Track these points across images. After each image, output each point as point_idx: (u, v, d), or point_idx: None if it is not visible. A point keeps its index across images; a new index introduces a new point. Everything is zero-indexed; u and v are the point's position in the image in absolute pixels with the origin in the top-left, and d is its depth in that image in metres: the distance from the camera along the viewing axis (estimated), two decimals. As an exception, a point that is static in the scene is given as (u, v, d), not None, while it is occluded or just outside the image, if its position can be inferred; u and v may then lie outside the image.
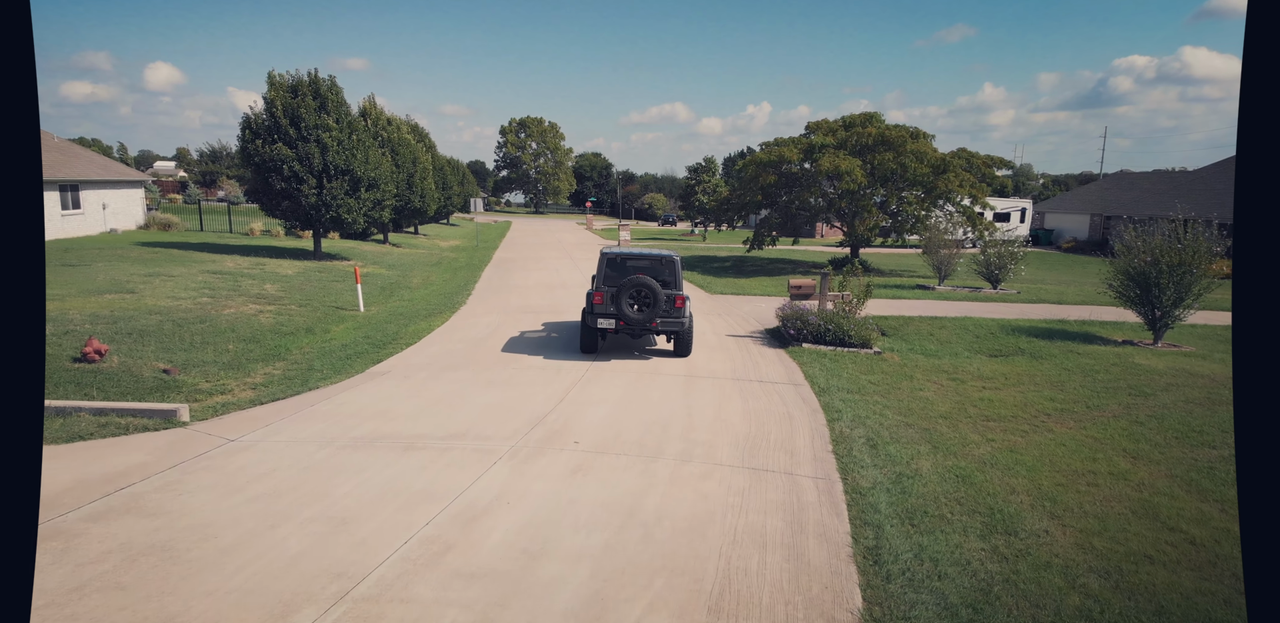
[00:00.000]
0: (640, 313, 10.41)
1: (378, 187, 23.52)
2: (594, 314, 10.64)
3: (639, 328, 10.57)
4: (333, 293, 17.26)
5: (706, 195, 47.82)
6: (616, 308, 10.38)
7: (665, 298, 10.45)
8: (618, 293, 10.40)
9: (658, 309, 10.37)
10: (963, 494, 6.08)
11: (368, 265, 23.80)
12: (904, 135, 22.24)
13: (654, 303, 10.36)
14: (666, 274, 11.11)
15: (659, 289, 10.38)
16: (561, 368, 10.07)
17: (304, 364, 10.60)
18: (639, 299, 10.44)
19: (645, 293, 10.38)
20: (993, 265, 18.91)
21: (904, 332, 13.50)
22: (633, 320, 10.38)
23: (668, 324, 10.61)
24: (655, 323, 10.52)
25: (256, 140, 21.49)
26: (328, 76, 22.87)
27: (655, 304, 10.36)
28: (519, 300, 16.92)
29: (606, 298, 10.54)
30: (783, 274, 24.49)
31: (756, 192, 23.70)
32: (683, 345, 11.00)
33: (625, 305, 10.37)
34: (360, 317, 14.92)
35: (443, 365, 10.20)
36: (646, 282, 10.38)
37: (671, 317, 10.58)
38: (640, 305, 10.45)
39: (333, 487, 5.71)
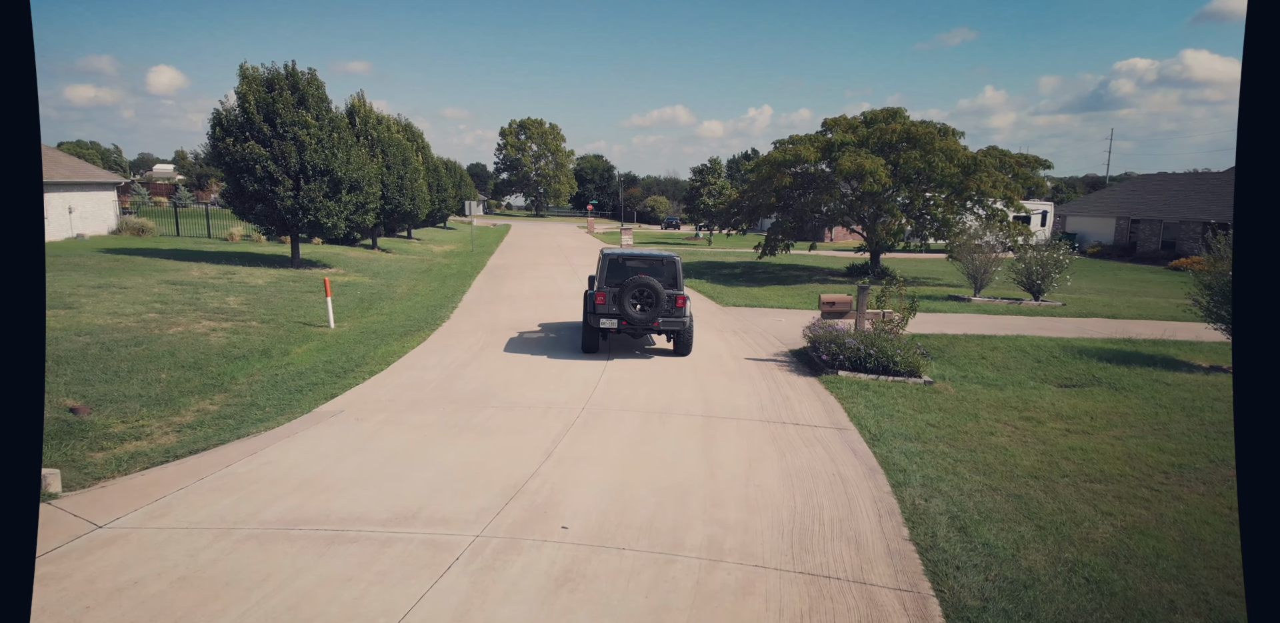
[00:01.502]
0: (643, 313, 10.46)
1: (361, 189, 21.78)
2: (596, 314, 10.66)
3: (641, 327, 10.62)
4: (304, 306, 15.51)
5: (712, 198, 46.04)
6: (619, 308, 10.43)
7: (667, 298, 10.48)
8: (620, 293, 10.45)
9: (660, 309, 10.44)
10: (1110, 615, 4.29)
11: (350, 273, 22.07)
12: (931, 132, 20.41)
13: (656, 303, 10.44)
14: (666, 274, 11.08)
15: (661, 289, 10.43)
16: (552, 406, 8.30)
17: (246, 399, 8.84)
18: (641, 299, 10.47)
19: (648, 293, 10.43)
20: (1034, 274, 17.06)
21: (951, 354, 11.69)
22: (635, 320, 10.42)
23: (669, 323, 10.66)
24: (657, 322, 10.56)
25: (227, 138, 19.77)
26: (307, 69, 21.20)
27: (657, 304, 10.43)
28: (509, 314, 15.15)
29: (609, 298, 10.57)
30: (798, 282, 22.69)
31: (770, 194, 21.87)
32: (683, 345, 11.08)
33: (628, 305, 10.41)
34: (328, 335, 13.17)
35: (407, 403, 8.43)
36: (649, 282, 10.41)
37: (673, 316, 10.62)
38: (643, 305, 10.49)
39: (208, 615, 3.93)
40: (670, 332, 10.88)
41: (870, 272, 23.44)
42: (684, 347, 11.06)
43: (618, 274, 10.97)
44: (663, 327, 10.64)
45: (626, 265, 11.15)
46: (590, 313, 10.79)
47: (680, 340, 11.02)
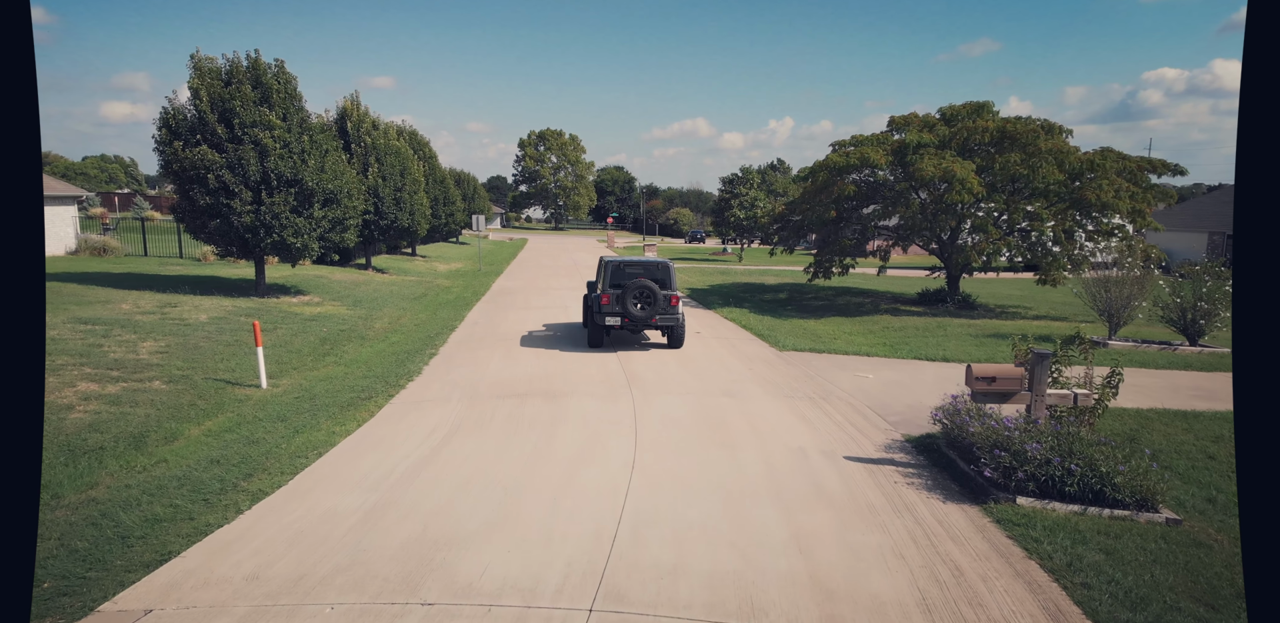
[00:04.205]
0: (642, 311, 11.96)
1: (338, 201, 18.28)
2: (602, 313, 12.13)
3: (641, 324, 12.17)
4: (241, 353, 11.94)
5: (743, 210, 42.23)
6: (621, 307, 11.91)
7: (663, 298, 12.04)
8: (622, 294, 11.89)
9: (657, 307, 12.00)
10: None
11: (325, 302, 18.54)
12: (1033, 130, 16.38)
13: (653, 302, 11.96)
14: (661, 277, 12.57)
15: (658, 290, 11.97)
16: (540, 582, 4.50)
17: (39, 550, 5.13)
18: (641, 299, 11.96)
19: (647, 293, 11.91)
20: (1194, 311, 12.96)
21: (1147, 439, 7.66)
22: (636, 317, 11.93)
23: (665, 320, 12.21)
24: (655, 319, 12.11)
25: (175, 142, 16.41)
26: (274, 61, 17.80)
27: (655, 303, 11.97)
28: (501, 368, 11.42)
29: (612, 299, 12.01)
30: (863, 313, 18.73)
31: (828, 205, 17.98)
32: (676, 339, 12.67)
33: (629, 304, 11.87)
34: (252, 401, 9.56)
35: (286, 582, 4.67)
36: (648, 284, 11.88)
37: (668, 314, 12.19)
38: (642, 304, 11.98)
39: None
40: (665, 327, 12.46)
41: (950, 298, 19.42)
42: (677, 341, 12.65)
43: (618, 278, 12.46)
44: (659, 323, 12.21)
45: (625, 270, 12.65)
46: (595, 312, 12.34)
47: (673, 335, 12.62)
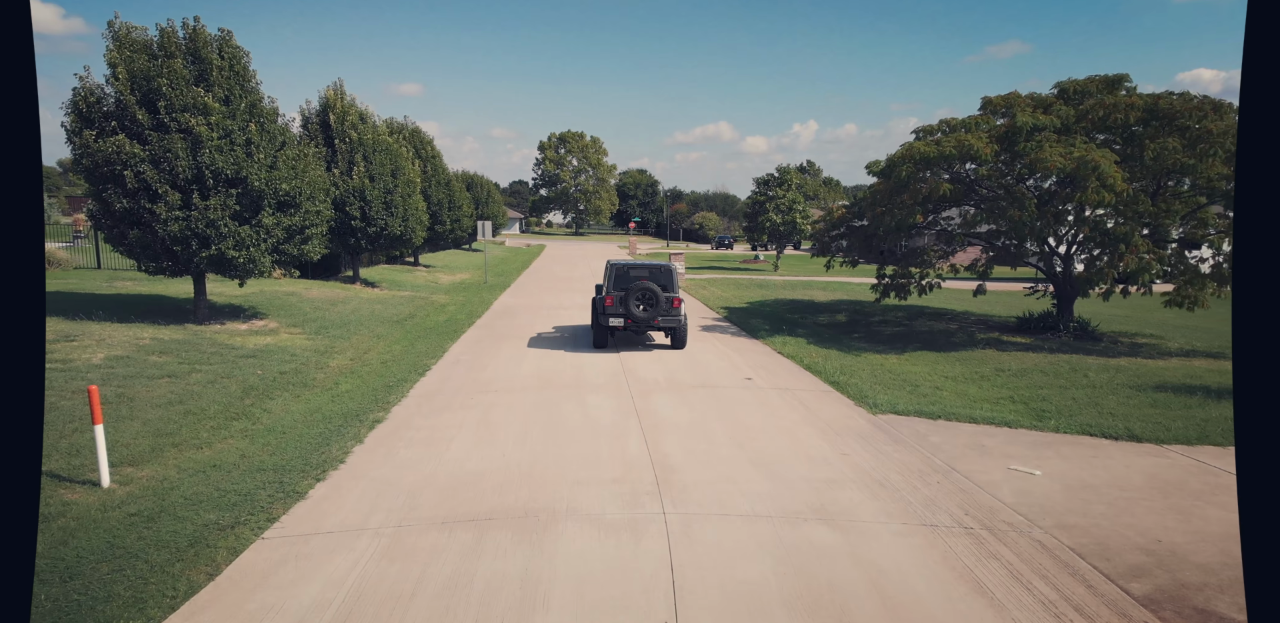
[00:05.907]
0: (645, 312, 12.94)
1: (297, 205, 14.72)
2: (606, 314, 13.08)
3: (644, 325, 13.10)
4: (122, 412, 8.26)
5: (780, 214, 38.26)
6: (625, 308, 12.88)
7: (665, 300, 13.03)
8: (626, 296, 12.89)
9: (659, 309, 13.00)
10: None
11: (281, 329, 14.97)
12: (1199, 108, 12.35)
13: (656, 304, 12.98)
14: (664, 280, 13.60)
15: (660, 293, 12.99)
16: None
17: None
18: (644, 301, 12.96)
19: (649, 295, 12.95)
20: None
21: None
22: (639, 319, 12.91)
23: (667, 321, 13.17)
24: (657, 320, 13.06)
25: (87, 130, 12.97)
26: (218, 30, 14.32)
27: (657, 305, 12.98)
28: (467, 451, 7.62)
29: (616, 301, 13.01)
30: (957, 347, 14.68)
31: (914, 208, 14.04)
32: (678, 340, 13.60)
33: (633, 306, 12.86)
34: (64, 519, 5.86)
35: None
36: (650, 287, 12.94)
37: (670, 315, 13.14)
38: (645, 306, 12.96)
39: None
40: (668, 328, 13.34)
41: (1063, 325, 15.34)
42: (679, 342, 13.54)
43: (622, 281, 13.49)
44: (662, 324, 13.12)
45: (630, 273, 13.70)
46: (600, 313, 13.27)
47: (676, 336, 13.53)
